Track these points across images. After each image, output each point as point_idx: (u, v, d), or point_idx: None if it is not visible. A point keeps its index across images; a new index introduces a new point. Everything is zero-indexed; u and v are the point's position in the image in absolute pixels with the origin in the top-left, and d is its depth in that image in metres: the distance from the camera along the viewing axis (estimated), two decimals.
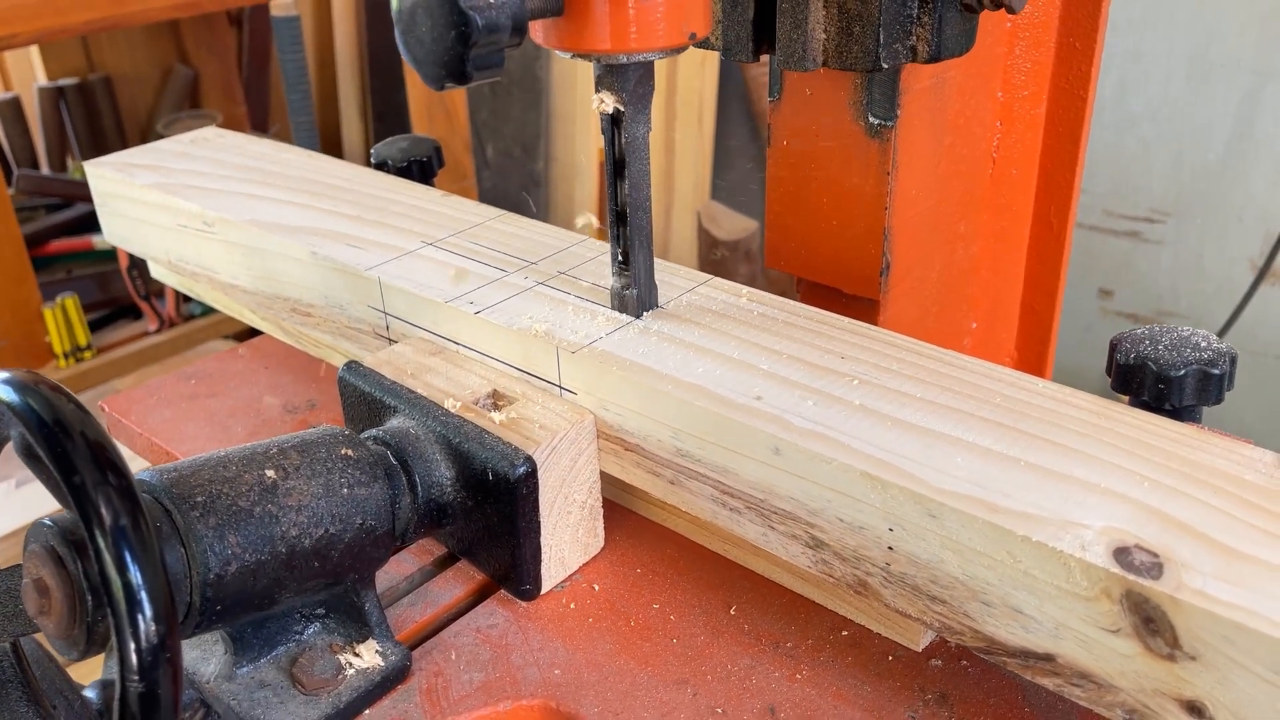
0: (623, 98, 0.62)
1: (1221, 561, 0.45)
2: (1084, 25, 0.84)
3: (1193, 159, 2.05)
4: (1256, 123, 1.96)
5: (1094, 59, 0.85)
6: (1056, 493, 0.51)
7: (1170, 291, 2.16)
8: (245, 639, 0.59)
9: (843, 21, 0.68)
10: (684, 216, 2.84)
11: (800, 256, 0.85)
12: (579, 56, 0.60)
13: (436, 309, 0.72)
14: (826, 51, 0.69)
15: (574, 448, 0.65)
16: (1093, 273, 2.24)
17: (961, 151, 0.84)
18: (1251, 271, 1.99)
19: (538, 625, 0.64)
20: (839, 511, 0.55)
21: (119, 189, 0.94)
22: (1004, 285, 0.95)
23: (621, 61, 0.60)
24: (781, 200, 0.84)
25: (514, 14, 0.54)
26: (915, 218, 0.81)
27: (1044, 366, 0.99)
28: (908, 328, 0.84)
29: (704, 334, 0.66)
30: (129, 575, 0.45)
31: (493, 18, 0.53)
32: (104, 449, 0.47)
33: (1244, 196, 2.01)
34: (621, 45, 0.58)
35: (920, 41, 0.68)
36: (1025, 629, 0.50)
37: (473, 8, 0.53)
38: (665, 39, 0.59)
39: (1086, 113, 0.87)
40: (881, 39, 0.67)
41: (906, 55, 0.69)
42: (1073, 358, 2.32)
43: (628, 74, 0.62)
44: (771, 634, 0.62)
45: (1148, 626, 0.45)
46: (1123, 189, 2.15)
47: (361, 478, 0.60)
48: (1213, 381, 0.58)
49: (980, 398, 0.58)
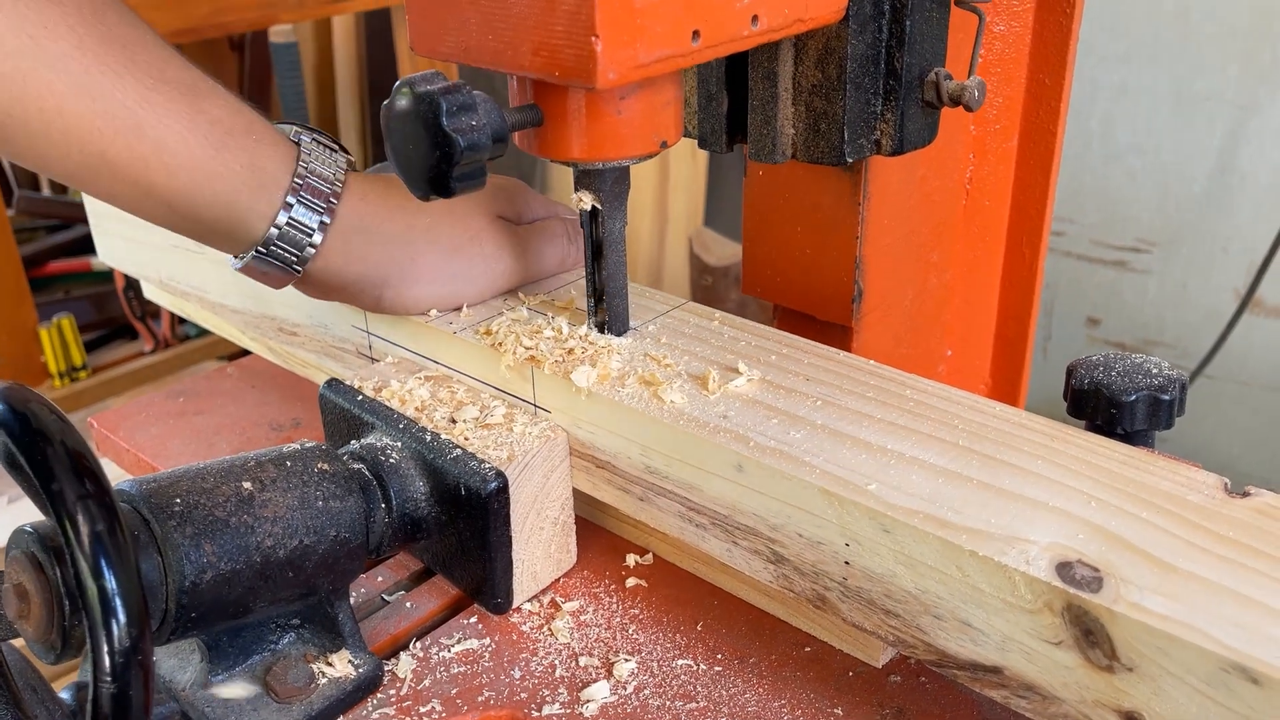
0: (600, 197, 0.66)
1: (1159, 577, 0.47)
2: (1053, 62, 0.87)
3: (1178, 190, 2.08)
4: (1240, 155, 1.99)
5: (1063, 95, 0.87)
6: (1006, 510, 0.52)
7: (1156, 320, 2.18)
8: (221, 647, 0.60)
9: (810, 118, 0.72)
10: (677, 243, 2.87)
11: (775, 284, 0.87)
12: (558, 162, 0.64)
13: (417, 329, 0.74)
14: (795, 145, 0.73)
15: (546, 464, 0.66)
16: (1081, 301, 2.27)
17: (934, 183, 0.86)
18: (1236, 301, 2.02)
19: (508, 639, 0.65)
20: (798, 527, 0.57)
21: (113, 209, 0.96)
22: (978, 313, 0.97)
23: (598, 167, 0.64)
24: (757, 229, 0.86)
25: (494, 131, 0.58)
26: (887, 247, 0.83)
27: (1018, 393, 1.00)
28: (881, 354, 0.86)
29: (675, 355, 0.68)
30: (104, 581, 0.47)
31: (475, 139, 0.56)
32: (83, 458, 0.49)
33: (1229, 227, 2.04)
34: (597, 155, 0.62)
35: (884, 136, 0.72)
36: (974, 642, 0.51)
37: (456, 130, 0.56)
38: (637, 148, 0.63)
39: (1057, 146, 0.90)
40: (847, 135, 0.70)
41: (871, 149, 0.72)
42: (1060, 384, 2.33)
43: (604, 176, 0.66)
44: (736, 649, 0.64)
45: (1087, 639, 0.47)
46: (1110, 219, 2.18)
47: (337, 491, 0.61)
48: (1163, 407, 0.60)
49: (939, 419, 0.60)
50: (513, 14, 0.56)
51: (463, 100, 0.56)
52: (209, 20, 2.18)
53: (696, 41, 0.58)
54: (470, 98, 0.57)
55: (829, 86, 0.70)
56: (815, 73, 0.70)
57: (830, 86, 0.70)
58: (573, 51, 0.55)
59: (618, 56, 0.55)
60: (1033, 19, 0.87)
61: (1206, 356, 2.00)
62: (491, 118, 0.57)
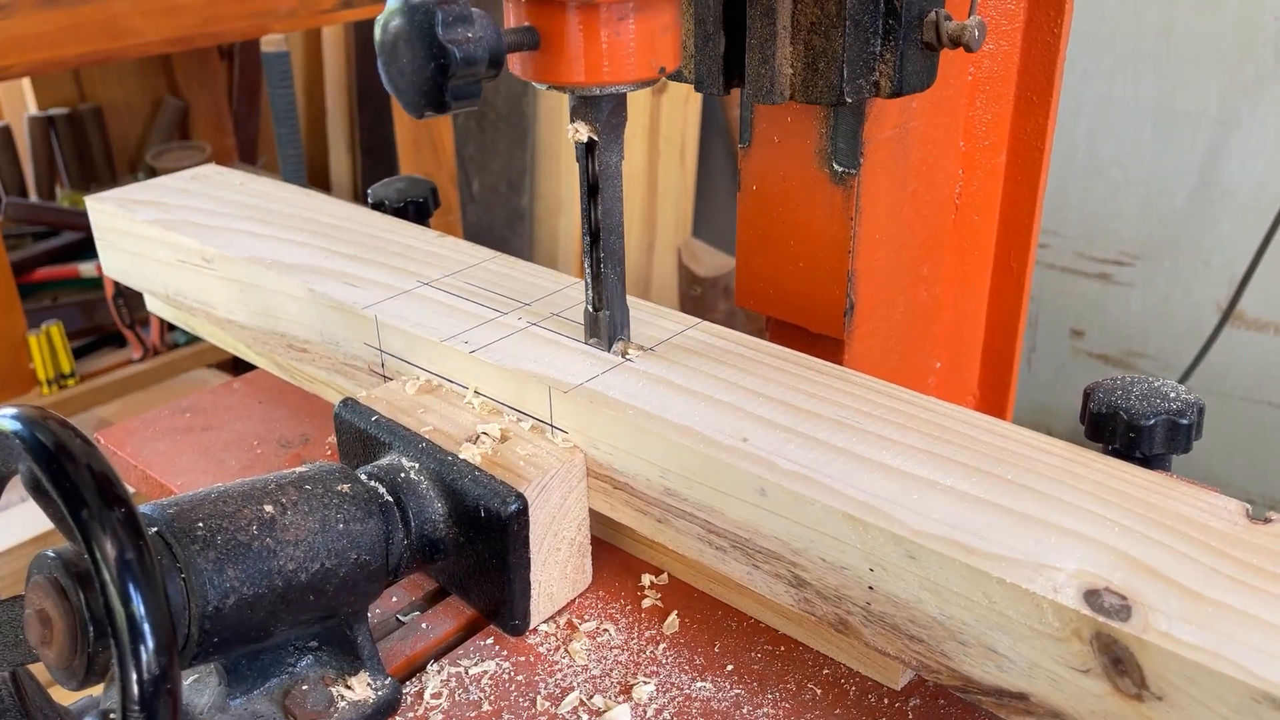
0: (596, 127, 0.65)
1: (1187, 605, 0.47)
2: (1041, 81, 0.88)
3: (1161, 204, 2.10)
4: (1222, 170, 2.02)
5: (1050, 112, 0.89)
6: (1030, 536, 0.53)
7: (1140, 332, 2.20)
8: (239, 670, 0.60)
9: (809, 57, 0.71)
10: (666, 253, 2.87)
11: (769, 296, 0.88)
12: (554, 88, 0.63)
13: (432, 347, 0.74)
14: (794, 86, 0.73)
15: (564, 485, 0.66)
16: (1065, 313, 2.29)
17: (924, 198, 0.87)
18: (1217, 313, 2.04)
19: (526, 661, 0.65)
20: (821, 551, 0.57)
21: (119, 224, 0.96)
22: (966, 326, 0.98)
23: (595, 93, 0.63)
24: (751, 242, 0.87)
25: (491, 48, 0.57)
26: (879, 260, 0.84)
27: (1005, 405, 1.01)
28: (872, 366, 0.87)
29: (693, 376, 0.68)
30: (133, 607, 0.46)
31: (470, 51, 0.56)
32: (109, 483, 0.48)
33: (1210, 241, 2.07)
34: (594, 78, 0.62)
35: (883, 77, 0.71)
36: (1000, 668, 0.51)
37: (452, 41, 0.55)
38: (636, 72, 0.62)
39: (1044, 162, 0.91)
40: (845, 74, 0.70)
41: (870, 90, 0.72)
42: (1045, 396, 2.36)
43: (601, 105, 0.65)
44: (754, 671, 0.64)
45: (1116, 667, 0.47)
46: (1093, 232, 2.20)
47: (357, 513, 0.61)
48: (1181, 431, 0.60)
49: (958, 443, 0.60)
50: None
51: (459, 12, 0.56)
52: (200, 30, 2.17)
53: None
54: (466, 10, 0.56)
55: (828, 23, 0.69)
56: (814, 9, 0.70)
57: (829, 23, 0.69)
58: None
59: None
60: (1021, 39, 0.88)
61: (1188, 369, 2.02)
62: (489, 33, 0.57)
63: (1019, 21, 0.87)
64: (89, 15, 1.98)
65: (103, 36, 2.04)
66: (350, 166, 3.11)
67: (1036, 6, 0.87)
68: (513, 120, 2.88)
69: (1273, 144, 1.95)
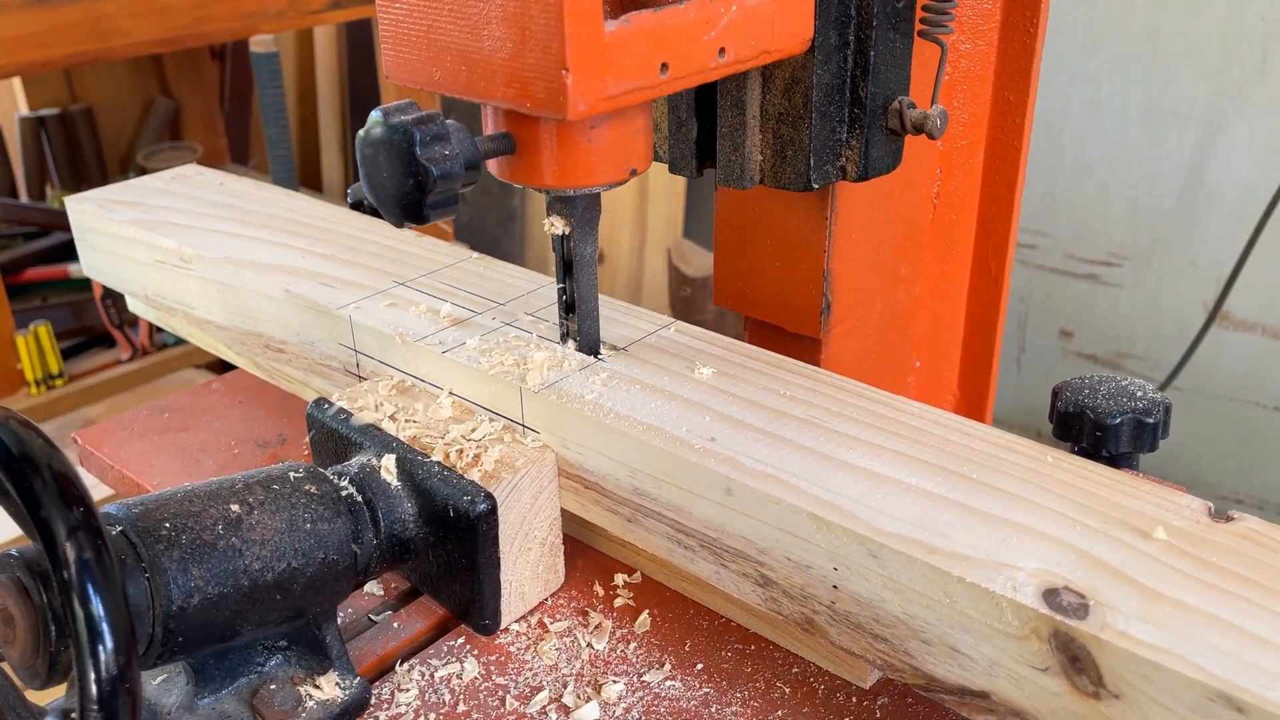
0: (571, 222, 0.67)
1: (1145, 604, 0.48)
2: (1018, 80, 0.89)
3: (1148, 205, 2.11)
4: (1208, 170, 2.02)
5: (1027, 111, 0.89)
6: (993, 535, 0.53)
7: (1128, 333, 2.21)
8: (207, 670, 0.60)
9: (777, 145, 0.73)
10: (656, 254, 2.88)
11: (746, 296, 0.88)
12: (531, 188, 0.65)
13: (405, 348, 0.74)
14: (763, 171, 0.75)
15: (535, 485, 0.66)
16: (1054, 314, 2.30)
17: (902, 198, 0.87)
18: (1205, 314, 2.05)
19: (497, 661, 0.65)
20: (787, 550, 0.57)
21: (98, 224, 0.96)
22: (945, 326, 0.99)
23: (569, 194, 0.65)
24: (728, 242, 0.88)
25: (468, 160, 0.59)
26: (855, 261, 0.84)
27: (984, 404, 1.02)
28: (850, 365, 0.87)
29: (664, 376, 0.68)
30: (91, 608, 0.46)
31: (448, 168, 0.57)
32: (70, 483, 0.48)
33: (1198, 241, 2.07)
34: (569, 182, 0.63)
35: (849, 163, 0.73)
36: (962, 667, 0.52)
37: (430, 159, 0.57)
38: (608, 176, 0.64)
39: (1022, 161, 0.92)
40: (813, 163, 0.72)
41: (836, 175, 0.74)
42: (1034, 396, 2.36)
43: (575, 203, 0.67)
44: (725, 670, 0.64)
45: (1074, 665, 0.47)
46: (1082, 233, 2.20)
47: (325, 513, 0.61)
48: (1147, 430, 0.60)
49: (925, 442, 0.61)
50: (485, 46, 0.57)
51: (436, 130, 0.57)
52: (190, 30, 2.17)
53: (665, 74, 0.59)
54: (443, 128, 0.58)
55: (795, 115, 0.71)
56: (782, 101, 0.71)
57: (796, 115, 0.71)
58: (544, 84, 0.55)
59: (588, 89, 0.55)
60: (997, 38, 0.88)
61: (1175, 369, 2.03)
62: (464, 147, 0.58)
63: (995, 21, 0.88)
64: (78, 15, 1.98)
65: (91, 37, 2.04)
66: (342, 167, 3.11)
67: (1012, 6, 0.87)
68: None
69: (1259, 145, 1.96)
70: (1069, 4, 2.07)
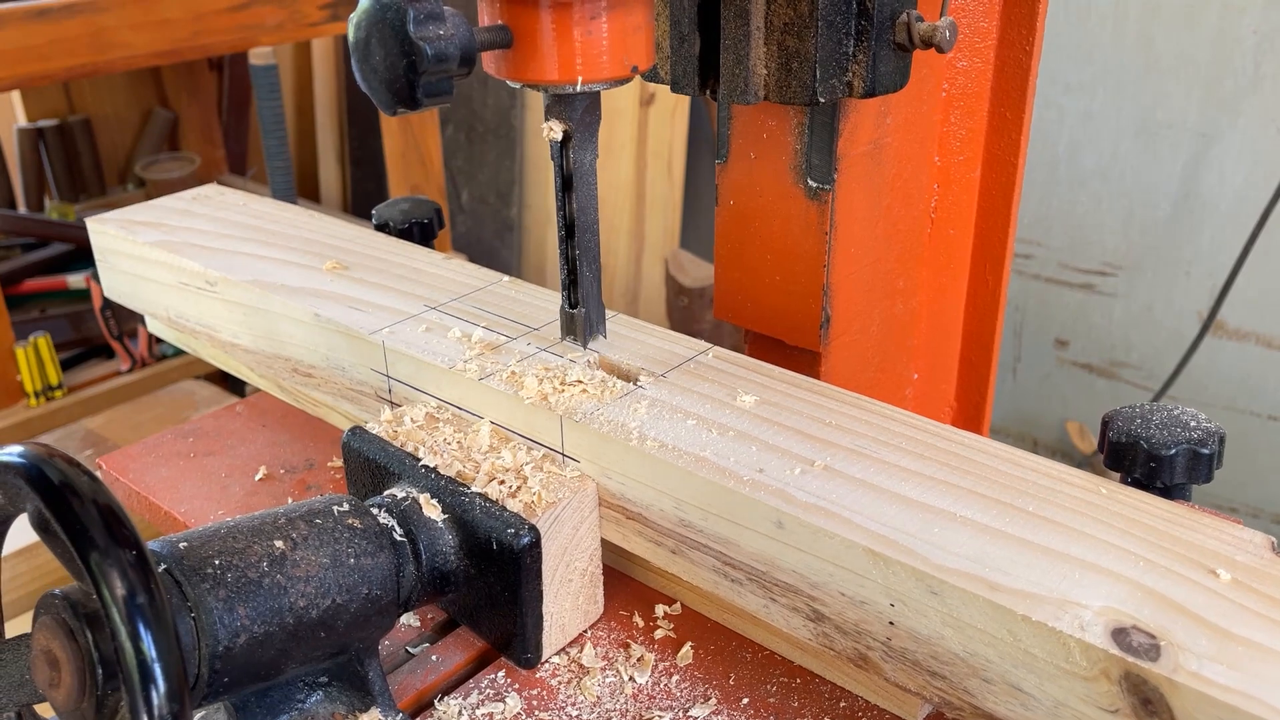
0: (570, 125, 0.66)
1: (1216, 644, 0.47)
2: (1014, 96, 0.89)
3: (1143, 215, 2.12)
4: (1201, 181, 2.04)
5: (1023, 127, 0.89)
6: (1054, 571, 0.52)
7: (1123, 342, 2.22)
8: (249, 708, 0.59)
9: (782, 57, 0.71)
10: (653, 264, 2.87)
11: (746, 309, 0.88)
12: (528, 86, 0.64)
13: (440, 374, 0.73)
14: (768, 86, 0.73)
15: (576, 516, 0.66)
16: (1050, 323, 2.31)
17: (900, 212, 0.87)
18: (1199, 323, 2.06)
19: (538, 693, 0.64)
20: (841, 586, 0.56)
21: (120, 245, 0.95)
22: (943, 338, 0.98)
23: (569, 92, 0.64)
24: (729, 256, 0.87)
25: (463, 45, 0.57)
26: (854, 274, 0.84)
27: (982, 416, 1.02)
28: (849, 378, 0.87)
29: (706, 404, 0.67)
30: (144, 650, 0.45)
31: (442, 48, 0.56)
32: (119, 522, 0.47)
33: (1191, 251, 2.08)
34: (568, 76, 0.62)
35: (856, 78, 0.72)
36: (1024, 706, 0.51)
37: (423, 38, 0.55)
38: (609, 71, 0.63)
39: (1018, 176, 0.92)
40: (819, 75, 0.70)
41: (843, 90, 0.72)
42: (1030, 405, 2.37)
43: (575, 103, 0.65)
44: (770, 705, 0.63)
45: (1146, 708, 0.46)
46: (1077, 243, 2.21)
47: (368, 548, 0.60)
48: (1202, 461, 0.60)
49: (977, 473, 0.60)
50: None
51: (430, 9, 0.56)
52: (189, 42, 2.16)
53: None
54: (438, 7, 0.56)
55: (801, 24, 0.70)
56: (787, 10, 0.70)
57: (802, 24, 0.69)
58: None
59: None
60: (994, 56, 0.88)
61: (1170, 378, 2.03)
62: (461, 31, 0.57)
63: (992, 39, 0.88)
64: (77, 28, 1.97)
65: (91, 49, 2.03)
66: (339, 178, 3.10)
67: (1009, 24, 0.87)
68: (501, 132, 2.87)
69: (1252, 155, 1.97)
70: (1063, 15, 2.08)
